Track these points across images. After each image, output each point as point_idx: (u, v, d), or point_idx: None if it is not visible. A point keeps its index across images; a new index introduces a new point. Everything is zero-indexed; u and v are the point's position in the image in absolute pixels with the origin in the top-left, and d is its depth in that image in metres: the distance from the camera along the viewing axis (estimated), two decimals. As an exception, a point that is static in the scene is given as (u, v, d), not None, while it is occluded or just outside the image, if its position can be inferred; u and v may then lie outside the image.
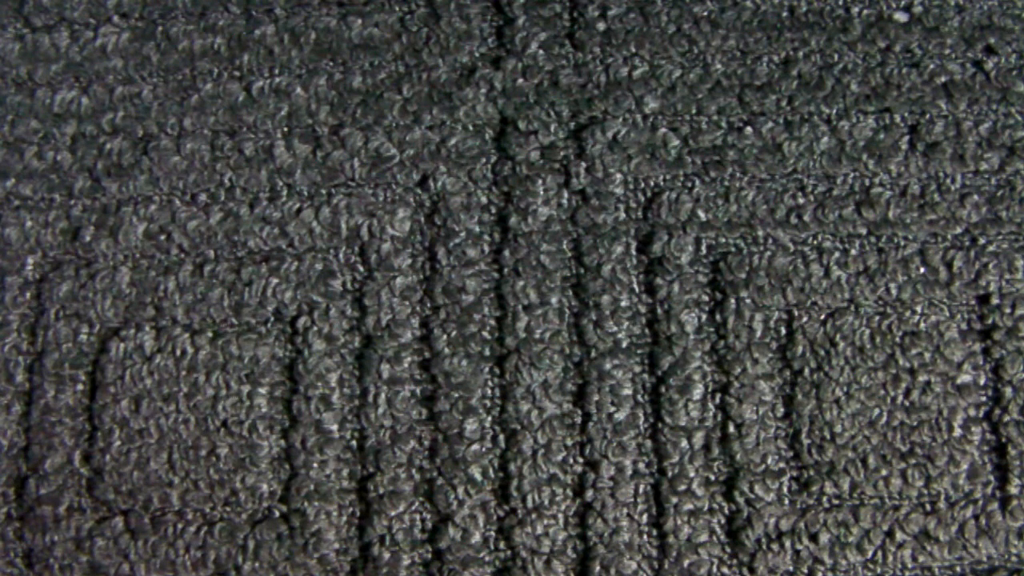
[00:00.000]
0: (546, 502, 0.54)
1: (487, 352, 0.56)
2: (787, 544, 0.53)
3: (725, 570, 0.54)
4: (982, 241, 0.56)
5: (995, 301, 0.55)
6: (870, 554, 0.53)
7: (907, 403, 0.54)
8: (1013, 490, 0.54)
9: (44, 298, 0.57)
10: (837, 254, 0.56)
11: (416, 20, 0.59)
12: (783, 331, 0.55)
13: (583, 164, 0.57)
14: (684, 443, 0.54)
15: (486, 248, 0.57)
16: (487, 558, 0.54)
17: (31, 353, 0.57)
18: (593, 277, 0.56)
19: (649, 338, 0.56)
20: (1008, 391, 0.54)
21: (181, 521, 0.55)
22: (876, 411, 0.54)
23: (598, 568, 0.54)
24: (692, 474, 0.54)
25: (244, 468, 0.55)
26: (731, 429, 0.54)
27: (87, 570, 0.55)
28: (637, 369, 0.55)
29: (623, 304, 0.56)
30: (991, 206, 0.56)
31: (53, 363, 0.56)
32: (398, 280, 0.56)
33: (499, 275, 0.56)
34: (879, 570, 0.53)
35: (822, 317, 0.55)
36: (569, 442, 0.55)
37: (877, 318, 0.55)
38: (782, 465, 0.54)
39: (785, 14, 0.59)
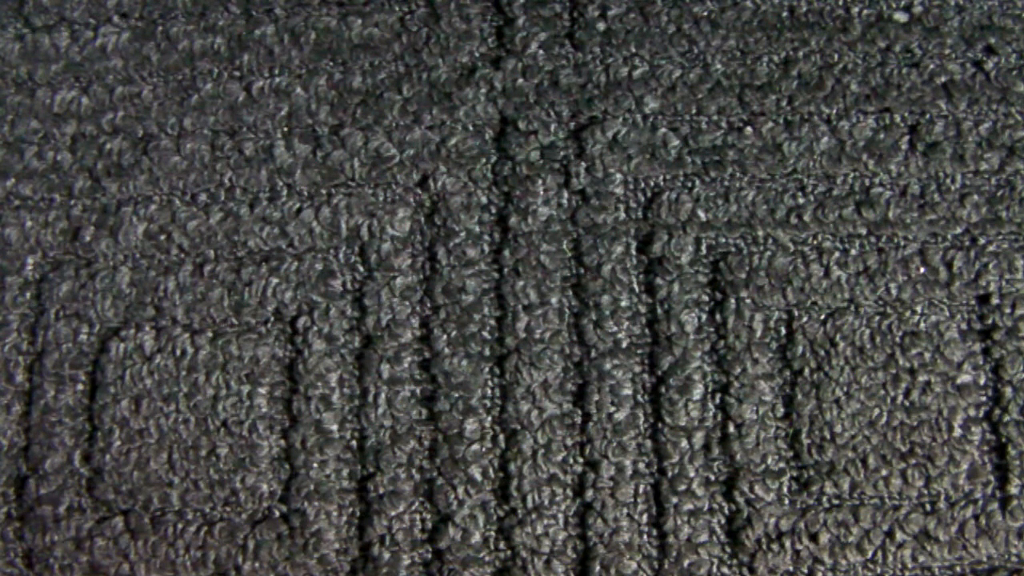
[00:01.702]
0: (546, 502, 0.54)
1: (487, 352, 0.56)
2: (787, 544, 0.53)
3: (725, 570, 0.54)
4: (982, 241, 0.56)
5: (995, 301, 0.55)
6: (870, 554, 0.53)
7: (907, 403, 0.54)
8: (1013, 490, 0.54)
9: (44, 298, 0.57)
10: (837, 254, 0.56)
11: (416, 20, 0.59)
12: (783, 331, 0.55)
13: (583, 164, 0.57)
14: (684, 443, 0.54)
15: (486, 248, 0.57)
16: (487, 558, 0.54)
17: (31, 353, 0.57)
18: (593, 277, 0.56)
19: (649, 338, 0.56)
20: (1008, 391, 0.54)
21: (181, 521, 0.55)
22: (876, 411, 0.54)
23: (598, 568, 0.54)
24: (692, 474, 0.54)
25: (244, 468, 0.55)
26: (731, 429, 0.54)
27: (87, 570, 0.55)
28: (637, 369, 0.55)
29: (623, 304, 0.56)
30: (991, 206, 0.56)
31: (53, 363, 0.56)
32: (398, 280, 0.56)
33: (499, 275, 0.56)
34: (879, 570, 0.53)
35: (822, 317, 0.55)
36: (569, 442, 0.55)
37: (877, 318, 0.55)
38: (782, 465, 0.54)
39: (785, 14, 0.59)
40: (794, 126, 0.57)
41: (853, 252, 0.56)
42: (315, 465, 0.55)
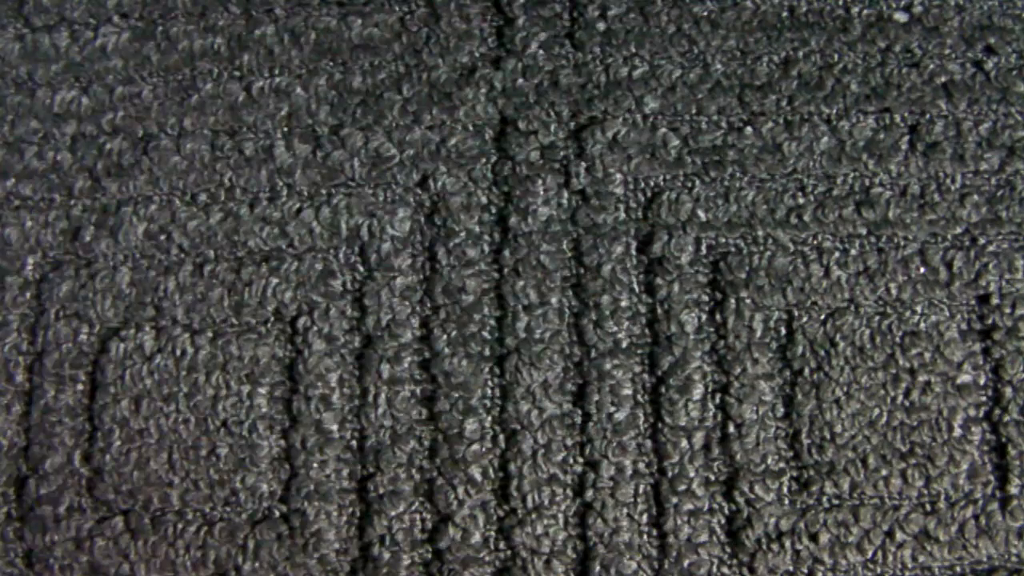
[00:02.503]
0: (546, 502, 0.54)
1: (487, 352, 0.56)
2: (787, 544, 0.53)
3: (725, 570, 0.54)
4: (982, 241, 0.56)
5: (995, 301, 0.55)
6: (870, 554, 0.53)
7: (907, 403, 0.54)
8: (1013, 490, 0.54)
9: (44, 298, 0.57)
10: (837, 254, 0.56)
11: (416, 20, 0.59)
12: (783, 331, 0.55)
13: (583, 164, 0.57)
14: (684, 443, 0.54)
15: (486, 248, 0.57)
16: (487, 558, 0.54)
17: (31, 353, 0.57)
18: (593, 277, 0.56)
19: (649, 338, 0.56)
20: (1008, 391, 0.54)
21: (181, 521, 0.55)
22: (876, 411, 0.54)
23: (598, 568, 0.54)
24: (692, 474, 0.54)
25: (244, 468, 0.55)
26: (731, 429, 0.54)
27: (87, 570, 0.55)
28: (637, 369, 0.55)
29: (623, 304, 0.56)
30: (991, 206, 0.56)
31: (53, 363, 0.56)
32: (398, 280, 0.56)
33: (499, 275, 0.56)
34: (879, 570, 0.53)
35: (822, 317, 0.55)
36: (569, 442, 0.55)
37: (877, 318, 0.55)
38: (782, 465, 0.54)
39: (785, 14, 0.59)
40: (794, 126, 0.57)
41: (853, 252, 0.56)
42: (315, 465, 0.55)
